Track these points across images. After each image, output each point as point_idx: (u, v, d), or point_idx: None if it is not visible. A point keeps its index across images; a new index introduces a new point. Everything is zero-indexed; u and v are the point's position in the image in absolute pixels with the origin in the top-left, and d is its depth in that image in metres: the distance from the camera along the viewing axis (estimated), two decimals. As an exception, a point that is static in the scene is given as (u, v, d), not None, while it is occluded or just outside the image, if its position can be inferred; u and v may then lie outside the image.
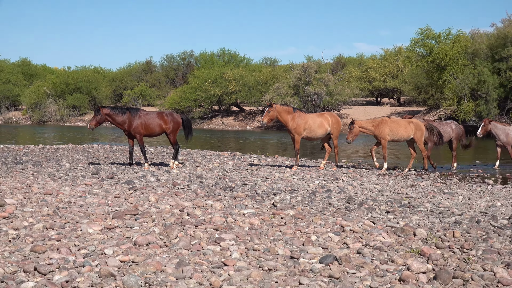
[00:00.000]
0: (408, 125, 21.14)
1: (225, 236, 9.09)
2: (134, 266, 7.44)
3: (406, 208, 12.54)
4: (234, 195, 13.58)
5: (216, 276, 7.19)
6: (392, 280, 7.34)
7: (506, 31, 54.46)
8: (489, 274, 7.64)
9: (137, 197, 12.84)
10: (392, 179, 18.28)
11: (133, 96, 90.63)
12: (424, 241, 9.48)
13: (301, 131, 20.79)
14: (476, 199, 14.35)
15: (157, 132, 20.41)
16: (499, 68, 53.46)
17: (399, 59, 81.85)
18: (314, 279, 7.26)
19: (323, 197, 13.73)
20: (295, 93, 68.86)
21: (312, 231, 9.77)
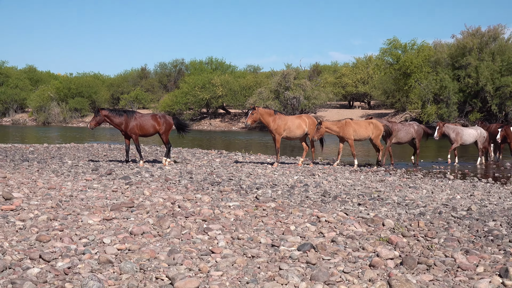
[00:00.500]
0: (368, 125, 21.43)
1: (213, 226, 9.07)
2: (130, 254, 7.41)
3: (375, 201, 12.58)
4: (220, 189, 13.57)
5: (205, 263, 7.18)
6: (363, 265, 7.35)
7: (465, 42, 54.82)
8: (450, 260, 7.67)
9: (133, 191, 12.80)
10: (363, 175, 18.32)
11: (129, 99, 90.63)
12: (391, 231, 9.51)
13: (281, 131, 20.86)
14: (438, 193, 14.41)
15: (151, 132, 20.42)
16: (459, 75, 53.84)
17: (370, 66, 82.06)
18: (293, 265, 7.26)
19: (301, 191, 13.74)
20: (276, 97, 69.05)
21: (291, 222, 9.78)
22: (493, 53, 53.67)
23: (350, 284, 6.51)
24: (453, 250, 8.21)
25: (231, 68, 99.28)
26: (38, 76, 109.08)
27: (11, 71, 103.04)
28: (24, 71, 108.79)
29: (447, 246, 8.51)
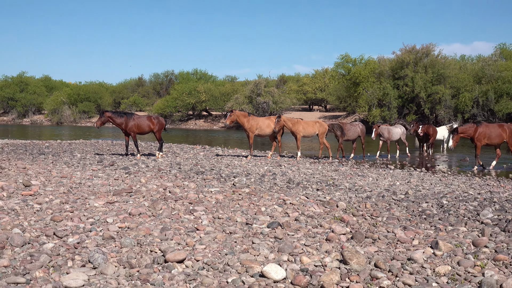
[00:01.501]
0: (315, 124, 21.60)
1: (197, 208, 9.05)
2: (129, 231, 7.38)
3: (331, 187, 12.62)
4: (204, 177, 13.53)
5: (191, 238, 7.16)
6: (321, 240, 7.37)
7: (403, 57, 55.27)
8: (391, 234, 7.72)
9: (131, 179, 12.71)
10: (320, 165, 18.38)
11: (128, 103, 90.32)
12: (344, 211, 9.54)
13: (254, 130, 20.92)
14: (381, 180, 14.50)
15: (147, 131, 20.47)
16: (398, 84, 54.29)
17: (326, 77, 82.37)
18: (264, 239, 7.26)
19: (270, 179, 13.74)
20: (249, 102, 69.22)
21: (262, 204, 9.78)
22: (426, 67, 54.10)
23: (310, 255, 6.52)
24: (394, 227, 8.27)
25: (212, 78, 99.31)
26: (53, 84, 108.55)
27: (30, 80, 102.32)
28: (40, 80, 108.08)
29: (389, 224, 8.57)
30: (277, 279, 5.53)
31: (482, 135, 18.77)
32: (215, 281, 5.49)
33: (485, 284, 5.38)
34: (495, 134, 18.97)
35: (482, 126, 18.97)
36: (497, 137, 19.01)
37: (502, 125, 19.51)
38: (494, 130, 19.03)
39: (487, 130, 18.93)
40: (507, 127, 19.37)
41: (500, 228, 8.24)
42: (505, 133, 19.08)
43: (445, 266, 6.04)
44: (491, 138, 18.94)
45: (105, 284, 5.34)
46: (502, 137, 19.08)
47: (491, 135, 18.92)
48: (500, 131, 19.07)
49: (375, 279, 5.62)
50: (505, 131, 19.10)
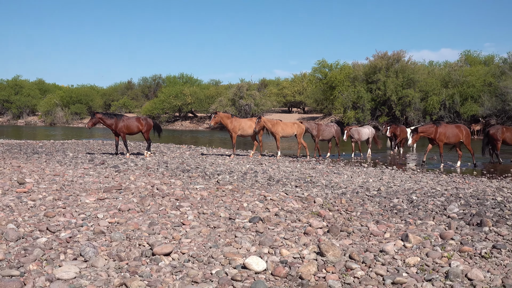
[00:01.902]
0: (293, 125, 21.73)
1: (183, 204, 9.01)
2: (118, 226, 7.33)
3: (308, 184, 12.65)
4: (190, 175, 13.49)
5: (177, 232, 7.13)
6: (299, 233, 7.38)
7: (376, 63, 55.57)
8: (365, 228, 7.76)
9: (121, 177, 12.64)
10: (299, 164, 18.41)
11: (118, 106, 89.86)
12: (321, 206, 9.57)
13: (237, 130, 20.92)
14: (356, 177, 14.56)
15: (136, 131, 20.41)
16: (371, 88, 54.58)
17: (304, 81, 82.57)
18: (246, 233, 7.25)
19: (252, 176, 13.74)
20: (232, 104, 69.18)
21: (244, 200, 9.77)
22: (397, 72, 54.45)
23: (289, 248, 6.53)
24: (367, 221, 8.31)
25: (198, 81, 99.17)
26: (46, 87, 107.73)
27: (24, 83, 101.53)
28: (34, 83, 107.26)
29: (363, 218, 8.61)
30: (258, 270, 5.53)
31: (442, 134, 19.00)
32: (200, 272, 5.48)
33: (451, 274, 5.43)
34: (453, 134, 19.25)
35: (442, 126, 19.20)
36: (454, 136, 19.28)
37: (459, 126, 19.81)
38: (452, 130, 19.32)
39: (446, 130, 19.18)
40: (463, 127, 19.69)
41: (465, 222, 8.33)
42: (462, 134, 19.39)
43: (415, 257, 6.08)
44: (449, 137, 19.20)
45: (95, 276, 5.30)
46: (458, 137, 19.35)
47: (449, 134, 19.18)
48: (457, 131, 19.37)
49: (350, 269, 5.64)
50: (462, 131, 19.42)
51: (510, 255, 6.41)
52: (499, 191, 11.87)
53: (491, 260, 6.16)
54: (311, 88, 72.53)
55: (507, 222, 8.29)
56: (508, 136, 20.69)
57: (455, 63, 59.54)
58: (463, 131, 19.45)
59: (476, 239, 7.18)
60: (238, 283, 5.17)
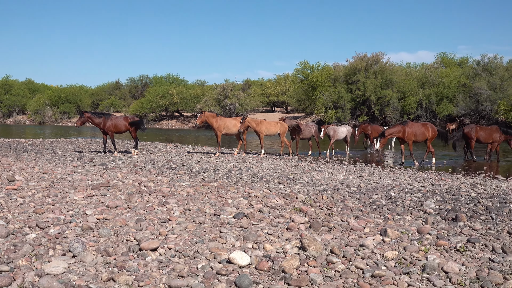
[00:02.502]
0: (276, 124, 21.77)
1: (170, 200, 8.97)
2: (106, 222, 7.27)
3: (291, 181, 12.66)
4: (176, 172, 13.44)
5: (164, 228, 7.09)
6: (282, 228, 7.38)
7: (356, 64, 55.97)
8: (345, 223, 7.78)
9: (109, 174, 12.54)
10: (282, 161, 18.43)
11: (106, 105, 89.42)
12: (303, 202, 9.58)
13: (222, 129, 20.91)
14: (336, 174, 14.61)
15: (123, 130, 20.24)
16: (351, 88, 54.94)
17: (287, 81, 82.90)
18: (230, 229, 7.24)
19: (236, 174, 13.72)
20: (217, 104, 69.21)
21: (229, 197, 9.75)
22: (376, 73, 54.85)
23: (272, 243, 6.53)
24: (347, 216, 8.34)
25: (184, 81, 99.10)
26: (35, 87, 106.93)
27: (14, 83, 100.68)
28: (24, 83, 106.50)
29: (343, 214, 8.63)
30: (242, 264, 5.53)
31: (410, 133, 19.12)
32: (186, 267, 5.46)
33: (428, 267, 5.46)
34: (420, 132, 19.40)
35: (409, 125, 19.31)
36: (421, 135, 19.42)
37: (425, 124, 19.93)
38: (419, 129, 19.44)
39: (413, 129, 19.29)
40: (430, 126, 19.83)
41: (441, 217, 8.40)
42: (428, 132, 19.51)
43: (393, 251, 6.11)
44: (416, 136, 19.33)
45: (84, 271, 5.25)
46: (425, 135, 19.48)
47: (417, 133, 19.31)
48: (424, 129, 19.49)
49: (331, 263, 5.66)
50: (428, 130, 19.56)
51: (483, 248, 6.48)
52: (473, 188, 11.99)
53: (466, 253, 6.22)
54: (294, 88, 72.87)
55: (480, 217, 8.38)
56: (482, 135, 20.91)
57: (431, 65, 60.07)
58: (429, 129, 19.59)
59: (452, 233, 7.24)
60: (223, 277, 5.16)
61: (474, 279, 5.23)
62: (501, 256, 6.05)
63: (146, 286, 4.92)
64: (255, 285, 4.99)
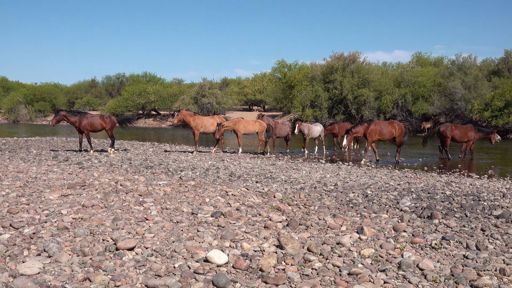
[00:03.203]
0: (255, 123, 21.76)
1: (147, 199, 8.91)
2: (82, 222, 7.20)
3: (268, 179, 12.68)
4: (153, 171, 13.36)
5: (140, 227, 7.05)
6: (260, 227, 7.40)
7: (333, 63, 56.17)
8: (322, 221, 7.83)
9: (85, 173, 12.42)
10: (259, 160, 18.45)
11: (82, 103, 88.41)
12: (280, 201, 9.60)
13: (199, 128, 20.87)
14: (314, 173, 14.67)
15: (99, 129, 20.13)
16: (328, 87, 55.13)
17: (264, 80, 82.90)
18: (208, 227, 7.22)
19: (214, 172, 13.70)
20: (195, 103, 68.84)
21: (206, 195, 9.73)
22: (353, 72, 55.13)
23: (250, 241, 6.53)
24: (325, 215, 8.39)
25: (161, 80, 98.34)
26: (9, 84, 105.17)
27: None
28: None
29: (320, 212, 8.68)
30: (220, 263, 5.52)
31: (373, 131, 19.26)
32: (163, 266, 5.43)
33: (404, 264, 5.52)
34: (386, 131, 19.55)
35: (374, 123, 19.45)
36: (388, 133, 19.57)
37: (392, 122, 20.10)
38: (385, 127, 19.58)
39: (378, 127, 19.44)
40: (396, 124, 19.99)
41: (416, 215, 8.50)
42: (395, 130, 19.68)
43: (369, 249, 6.17)
44: (382, 134, 19.46)
45: (59, 271, 5.19)
46: (392, 133, 19.64)
47: (382, 131, 19.46)
48: (390, 128, 19.65)
49: (308, 261, 5.69)
50: (395, 128, 19.72)
51: (458, 245, 6.58)
52: (448, 186, 12.15)
53: (441, 250, 6.30)
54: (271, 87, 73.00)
55: (455, 214, 8.50)
56: (457, 133, 21.20)
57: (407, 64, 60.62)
58: (396, 127, 19.76)
59: (427, 231, 7.34)
60: (201, 276, 5.15)
61: (449, 276, 5.31)
62: (475, 253, 6.15)
63: (122, 286, 4.89)
64: (233, 284, 4.99)
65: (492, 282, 5.06)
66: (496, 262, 5.83)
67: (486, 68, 58.08)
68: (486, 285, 4.97)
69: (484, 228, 7.50)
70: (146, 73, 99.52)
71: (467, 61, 52.71)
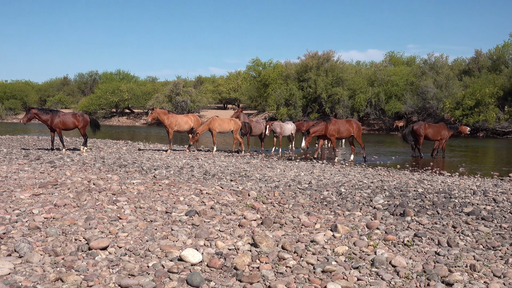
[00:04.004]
0: (230, 121, 21.76)
1: (120, 198, 8.84)
2: (54, 221, 7.10)
3: (243, 178, 12.68)
4: (126, 170, 13.25)
5: (114, 227, 6.98)
6: (234, 225, 7.39)
7: (307, 62, 56.49)
8: (297, 219, 7.86)
9: (57, 172, 12.25)
10: (234, 158, 18.44)
11: (54, 101, 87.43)
12: (255, 199, 9.61)
13: (173, 126, 20.76)
14: (288, 171, 14.72)
15: (72, 127, 19.89)
16: (303, 86, 55.42)
17: (239, 79, 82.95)
18: (182, 226, 7.19)
19: (188, 171, 13.64)
20: (169, 101, 68.59)
21: (181, 194, 9.69)
22: (327, 71, 55.50)
23: (224, 240, 6.53)
24: (299, 213, 8.42)
25: (134, 78, 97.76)
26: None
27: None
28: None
29: (295, 210, 8.71)
30: (194, 262, 5.50)
31: (332, 130, 19.32)
32: (137, 265, 5.39)
33: (377, 261, 5.58)
34: (344, 129, 19.62)
35: (332, 122, 19.46)
36: (345, 131, 19.67)
37: (349, 121, 20.21)
38: (343, 125, 19.67)
39: (336, 125, 19.50)
40: (354, 122, 20.13)
41: (389, 212, 8.60)
42: (352, 128, 19.81)
43: (343, 246, 6.22)
44: (340, 132, 19.55)
45: (30, 272, 5.12)
46: (350, 132, 19.75)
47: (340, 129, 19.54)
48: (348, 126, 19.75)
49: (282, 259, 5.70)
50: (352, 126, 19.84)
51: (430, 242, 6.67)
52: (420, 183, 12.31)
53: (413, 247, 6.39)
54: (246, 85, 73.06)
55: (427, 212, 8.63)
56: (430, 132, 21.50)
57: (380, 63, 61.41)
58: (353, 126, 19.88)
59: (399, 228, 7.43)
60: (175, 275, 5.13)
61: (421, 272, 5.38)
62: (446, 250, 6.25)
63: (95, 285, 4.84)
64: (207, 282, 4.98)
65: (463, 278, 5.15)
66: (466, 258, 5.94)
67: (457, 67, 59.10)
68: (457, 281, 5.05)
69: (455, 225, 7.62)
70: (119, 71, 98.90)
71: (439, 61, 53.54)
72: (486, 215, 8.37)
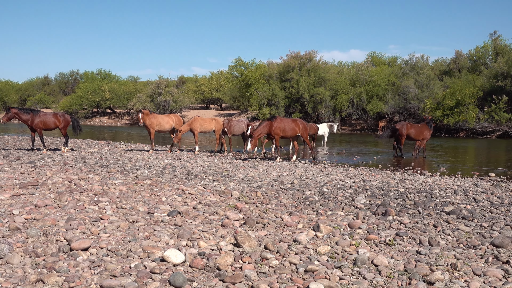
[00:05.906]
0: (211, 121, 21.79)
1: (102, 199, 8.77)
2: (35, 222, 7.03)
3: (226, 178, 12.67)
4: (108, 170, 13.16)
5: (95, 227, 6.93)
6: (217, 225, 7.39)
7: (289, 62, 56.59)
8: (279, 219, 7.88)
9: (37, 173, 12.12)
10: (217, 159, 18.41)
11: (35, 101, 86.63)
12: (237, 199, 9.61)
13: (155, 126, 20.70)
14: (271, 171, 14.74)
15: (53, 127, 19.72)
16: (285, 86, 55.52)
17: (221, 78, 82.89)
18: (164, 226, 7.17)
19: (171, 171, 13.59)
20: (151, 101, 68.38)
21: (163, 194, 9.65)
22: (309, 71, 55.65)
23: (207, 240, 6.52)
24: (281, 212, 8.44)
25: (116, 77, 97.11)
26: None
27: None
28: None
29: (277, 210, 8.73)
30: (176, 262, 5.49)
31: (277, 129, 19.16)
32: (119, 266, 5.36)
33: (359, 261, 5.62)
34: (289, 128, 19.47)
35: (277, 121, 19.22)
36: (291, 130, 19.58)
37: (295, 120, 20.12)
38: (288, 125, 19.56)
39: (282, 124, 19.33)
40: (300, 121, 20.07)
41: (371, 212, 8.66)
42: (298, 128, 19.76)
43: (325, 246, 6.24)
44: (285, 131, 19.43)
45: (11, 273, 5.06)
46: (295, 131, 19.70)
47: (285, 128, 19.41)
48: (294, 125, 19.68)
49: (265, 259, 5.71)
50: (298, 125, 19.78)
51: (411, 242, 6.73)
52: (401, 183, 12.42)
53: (395, 247, 6.44)
54: (228, 85, 73.02)
55: (408, 211, 8.70)
56: (412, 132, 21.68)
57: (362, 64, 61.68)
58: (299, 125, 19.81)
59: (381, 227, 7.48)
60: (157, 275, 5.11)
61: (403, 271, 5.43)
62: (427, 249, 6.31)
63: (77, 286, 4.80)
64: (190, 283, 4.97)
65: (444, 277, 5.20)
66: (447, 257, 6.00)
67: (438, 68, 59.67)
68: (438, 280, 5.10)
69: (436, 224, 7.70)
70: (101, 70, 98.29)
71: (420, 61, 54.00)
72: (466, 214, 8.47)
